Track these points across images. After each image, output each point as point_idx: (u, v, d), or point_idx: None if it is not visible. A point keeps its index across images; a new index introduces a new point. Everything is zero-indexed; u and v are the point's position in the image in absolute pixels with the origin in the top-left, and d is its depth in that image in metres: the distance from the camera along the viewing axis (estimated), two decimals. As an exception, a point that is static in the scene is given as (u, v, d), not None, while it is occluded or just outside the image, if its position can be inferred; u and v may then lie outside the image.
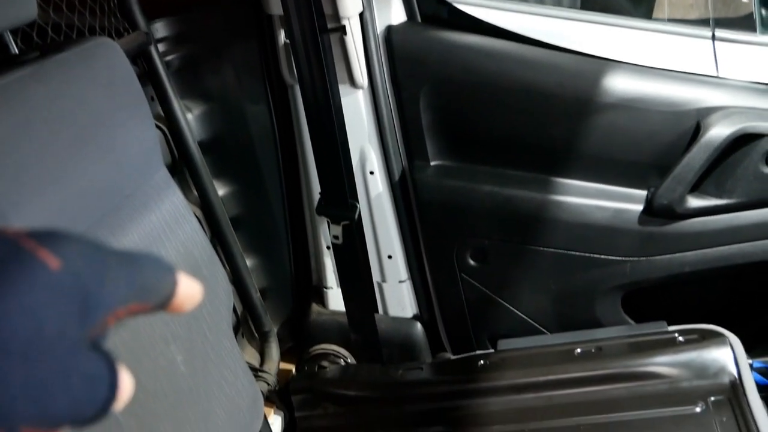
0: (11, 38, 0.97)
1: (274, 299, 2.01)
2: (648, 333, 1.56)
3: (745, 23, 1.70)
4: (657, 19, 1.92)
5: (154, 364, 1.03)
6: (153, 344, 1.03)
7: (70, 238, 0.35)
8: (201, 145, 1.68)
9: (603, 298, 1.67)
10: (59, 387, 0.31)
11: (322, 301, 2.03)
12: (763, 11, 1.76)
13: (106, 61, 1.06)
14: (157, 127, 1.50)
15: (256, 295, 1.87)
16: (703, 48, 1.60)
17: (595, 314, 1.70)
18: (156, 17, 1.59)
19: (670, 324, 1.56)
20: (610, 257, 1.62)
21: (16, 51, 0.98)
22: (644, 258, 1.59)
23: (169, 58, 1.62)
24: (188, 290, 0.41)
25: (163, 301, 0.40)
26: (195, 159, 1.65)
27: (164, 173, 1.16)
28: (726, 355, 1.43)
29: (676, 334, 1.51)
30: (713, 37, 1.61)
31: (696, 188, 1.52)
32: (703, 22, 1.68)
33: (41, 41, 1.30)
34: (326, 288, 2.00)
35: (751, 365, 1.44)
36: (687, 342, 1.48)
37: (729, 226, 1.52)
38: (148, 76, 1.55)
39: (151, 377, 1.03)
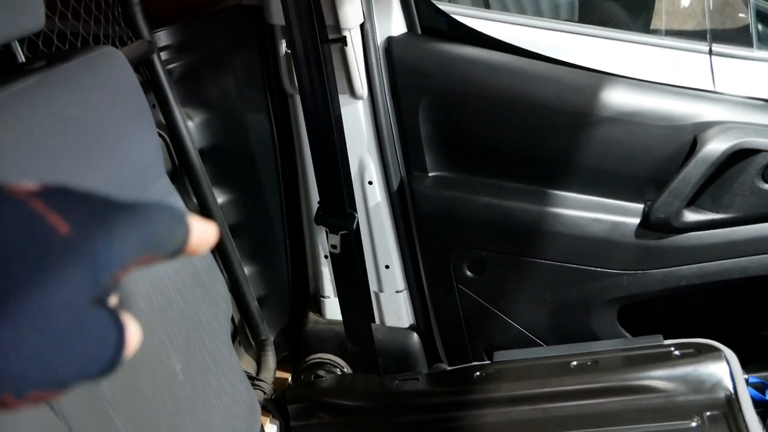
0: (18, 47, 0.98)
1: (272, 307, 2.01)
2: (644, 346, 1.56)
3: (742, 38, 1.71)
4: (655, 33, 1.93)
5: (153, 372, 1.04)
6: (152, 352, 1.04)
7: (79, 198, 0.35)
8: (201, 152, 1.69)
9: (599, 310, 1.68)
10: (67, 350, 0.31)
11: (319, 310, 2.04)
12: (760, 26, 1.78)
13: (110, 70, 1.07)
14: (158, 134, 1.50)
15: (254, 304, 1.88)
16: (700, 62, 1.62)
17: (591, 327, 1.71)
18: (159, 26, 1.59)
19: (666, 338, 1.56)
20: (606, 270, 1.63)
21: (23, 59, 0.98)
22: (641, 271, 1.60)
23: (171, 66, 1.63)
24: (201, 235, 0.41)
25: (177, 250, 0.40)
26: (195, 167, 1.66)
27: (166, 181, 1.17)
28: (722, 370, 1.43)
29: (672, 348, 1.52)
30: (710, 52, 1.62)
31: (693, 202, 1.53)
32: (700, 36, 1.69)
33: (46, 49, 1.31)
34: (323, 297, 2.00)
35: (746, 380, 1.44)
36: (683, 356, 1.49)
37: (725, 241, 1.52)
38: (150, 84, 1.56)
39: (149, 385, 1.03)
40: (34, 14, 0.94)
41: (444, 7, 1.73)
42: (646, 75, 1.58)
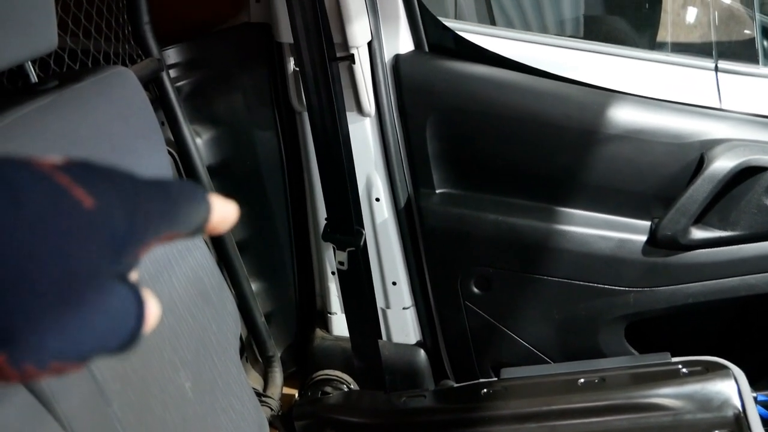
0: (31, 67, 0.99)
1: (279, 324, 2.02)
2: (651, 364, 1.56)
3: (747, 54, 1.72)
4: (661, 49, 1.94)
5: (162, 391, 1.04)
6: (162, 371, 1.04)
7: (103, 173, 0.35)
8: (209, 169, 1.69)
9: (606, 328, 1.68)
10: (87, 323, 0.31)
11: (326, 326, 2.04)
12: (765, 43, 1.78)
13: (122, 89, 1.08)
14: (167, 151, 1.51)
15: (261, 320, 1.88)
16: (706, 79, 1.62)
17: (599, 344, 1.70)
18: (168, 44, 1.61)
19: (673, 355, 1.56)
20: (613, 287, 1.63)
21: (35, 79, 0.99)
22: (648, 288, 1.60)
23: (180, 83, 1.64)
24: (222, 214, 0.42)
25: (197, 228, 0.40)
26: (203, 183, 1.66)
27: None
28: (730, 388, 1.43)
29: (680, 366, 1.51)
30: (716, 68, 1.63)
31: (700, 220, 1.53)
32: (706, 52, 1.70)
33: (57, 67, 1.32)
34: (330, 313, 2.01)
35: (755, 398, 1.44)
36: (691, 374, 1.48)
37: (733, 259, 1.52)
38: (159, 101, 1.57)
39: (159, 404, 1.03)
40: (47, 35, 0.95)
41: (451, 24, 1.74)
42: (653, 91, 1.59)
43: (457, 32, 1.70)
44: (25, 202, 0.30)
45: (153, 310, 0.36)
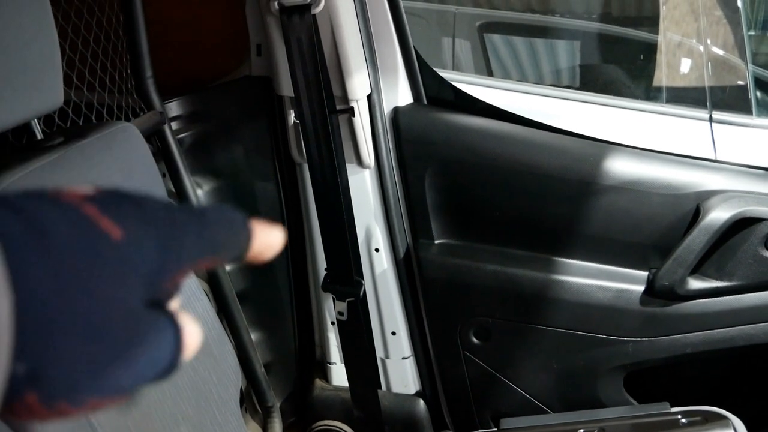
0: (37, 124, 1.00)
1: (278, 373, 2.01)
2: (651, 414, 1.55)
3: (741, 105, 1.74)
4: (655, 100, 1.96)
5: (163, 444, 1.04)
6: (163, 425, 1.04)
7: (133, 202, 0.34)
8: (210, 220, 1.70)
9: (606, 377, 1.68)
10: (122, 356, 0.31)
11: (325, 376, 2.04)
12: (759, 94, 1.81)
13: (125, 144, 1.09)
14: (169, 203, 1.53)
15: (261, 370, 1.88)
16: (700, 129, 1.64)
17: (598, 394, 1.70)
18: (171, 96, 1.63)
19: (673, 405, 1.56)
20: (612, 337, 1.63)
21: (41, 135, 1.01)
22: (646, 338, 1.60)
23: (181, 135, 1.66)
24: (266, 241, 0.41)
25: (238, 255, 0.40)
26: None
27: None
28: (729, 439, 1.42)
29: (679, 416, 1.51)
30: (711, 119, 1.65)
31: (697, 270, 1.54)
32: (700, 103, 1.72)
33: (61, 120, 1.34)
34: (330, 363, 2.01)
35: (754, 449, 1.43)
36: (690, 424, 1.48)
37: (730, 309, 1.53)
38: (161, 153, 1.59)
39: (160, 457, 1.03)
40: (54, 93, 0.97)
41: (449, 76, 1.77)
42: (648, 142, 1.61)
43: (455, 85, 1.73)
44: (51, 236, 0.29)
45: (192, 336, 0.35)
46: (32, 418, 0.30)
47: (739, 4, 1.86)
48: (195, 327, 0.36)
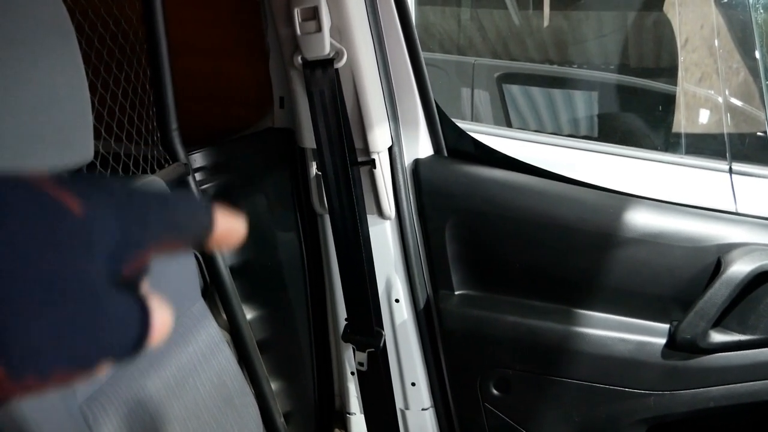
0: (67, 178, 1.02)
1: (297, 424, 2.01)
2: (674, 469, 1.54)
3: (761, 156, 1.75)
4: (674, 152, 1.97)
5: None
6: (186, 477, 1.04)
7: (97, 182, 0.35)
8: (232, 270, 1.72)
9: (627, 431, 1.67)
10: (87, 331, 0.31)
11: (344, 426, 2.03)
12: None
13: (152, 198, 1.11)
14: (193, 254, 1.54)
15: (280, 420, 1.87)
16: (720, 181, 1.65)
17: (620, 448, 1.69)
18: (195, 148, 1.66)
19: (696, 460, 1.54)
20: (633, 390, 1.62)
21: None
22: (668, 392, 1.59)
23: (205, 186, 1.68)
24: (227, 226, 0.41)
25: (201, 238, 0.40)
26: (225, 284, 1.69)
27: (201, 304, 1.20)
28: (754, 496, 1.41)
29: (703, 471, 1.50)
30: (731, 170, 1.66)
31: (718, 323, 1.53)
32: (720, 154, 1.73)
33: (88, 171, 1.36)
34: (349, 414, 2.00)
35: (779, 507, 1.41)
36: (714, 480, 1.47)
37: (753, 362, 1.52)
38: (185, 204, 1.61)
39: None
40: (84, 148, 0.99)
41: (468, 127, 1.78)
42: (667, 193, 1.61)
43: (474, 137, 1.75)
44: (9, 212, 0.30)
45: (162, 319, 0.35)
46: (4, 396, 0.30)
47: (758, 55, 1.87)
48: (166, 312, 0.36)
